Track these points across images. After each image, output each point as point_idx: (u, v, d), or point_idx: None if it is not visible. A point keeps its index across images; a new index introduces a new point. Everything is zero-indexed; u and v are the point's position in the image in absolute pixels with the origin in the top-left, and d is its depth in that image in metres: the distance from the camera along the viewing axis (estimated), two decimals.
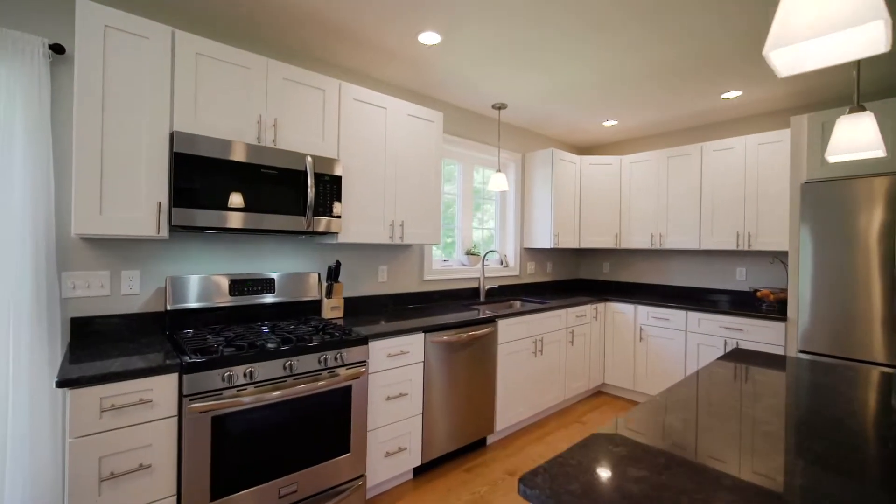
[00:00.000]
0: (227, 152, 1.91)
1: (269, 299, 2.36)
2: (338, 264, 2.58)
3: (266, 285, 2.35)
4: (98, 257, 1.96)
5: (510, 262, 4.10)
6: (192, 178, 1.82)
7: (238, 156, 1.94)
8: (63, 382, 1.36)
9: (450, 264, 3.59)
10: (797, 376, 1.53)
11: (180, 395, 1.59)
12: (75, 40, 1.63)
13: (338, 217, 2.29)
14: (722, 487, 0.79)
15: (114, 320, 1.98)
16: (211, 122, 1.94)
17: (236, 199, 1.93)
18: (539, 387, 3.24)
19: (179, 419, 1.59)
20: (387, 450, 2.26)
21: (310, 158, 2.15)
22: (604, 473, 0.83)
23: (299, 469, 1.86)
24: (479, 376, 2.76)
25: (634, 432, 1.03)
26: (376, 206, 2.57)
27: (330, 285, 2.57)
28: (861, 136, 1.48)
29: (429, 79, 2.99)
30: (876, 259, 2.46)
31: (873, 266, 2.47)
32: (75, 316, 1.90)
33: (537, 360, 3.21)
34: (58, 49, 1.81)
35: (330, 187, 2.25)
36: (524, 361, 3.10)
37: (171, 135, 1.82)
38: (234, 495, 1.69)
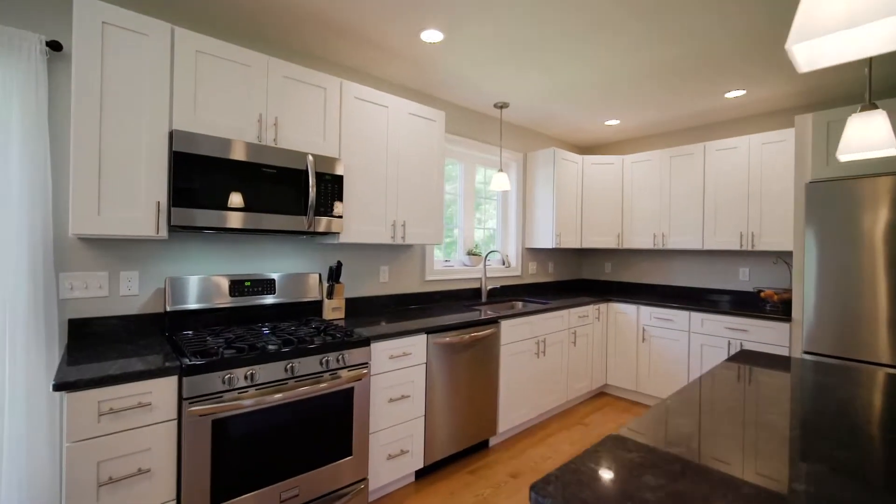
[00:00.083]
0: (227, 151, 1.88)
1: (269, 300, 2.33)
2: (339, 265, 2.55)
3: (266, 286, 2.32)
4: (96, 258, 1.93)
5: (512, 262, 4.08)
6: (192, 177, 1.79)
7: (238, 155, 1.91)
8: (60, 385, 1.33)
9: (451, 265, 3.57)
10: (801, 377, 1.51)
11: (180, 398, 1.56)
12: (73, 37, 1.60)
13: (339, 217, 2.26)
14: (741, 497, 0.76)
15: (112, 322, 1.95)
16: (211, 121, 1.91)
17: (236, 198, 1.91)
18: (541, 388, 3.21)
19: (179, 423, 1.56)
20: (389, 452, 2.24)
21: (311, 157, 2.12)
22: (617, 481, 0.81)
23: (301, 473, 1.84)
24: (482, 377, 2.73)
25: (646, 437, 1.01)
26: (378, 205, 2.55)
27: (331, 286, 2.54)
28: (873, 134, 1.46)
29: (430, 78, 2.96)
30: (881, 259, 2.44)
31: (879, 266, 2.45)
32: (73, 317, 1.87)
33: (540, 360, 3.19)
34: (55, 46, 1.78)
35: (331, 187, 2.22)
36: (527, 362, 3.08)
37: (171, 133, 1.79)
38: (234, 500, 1.66)
